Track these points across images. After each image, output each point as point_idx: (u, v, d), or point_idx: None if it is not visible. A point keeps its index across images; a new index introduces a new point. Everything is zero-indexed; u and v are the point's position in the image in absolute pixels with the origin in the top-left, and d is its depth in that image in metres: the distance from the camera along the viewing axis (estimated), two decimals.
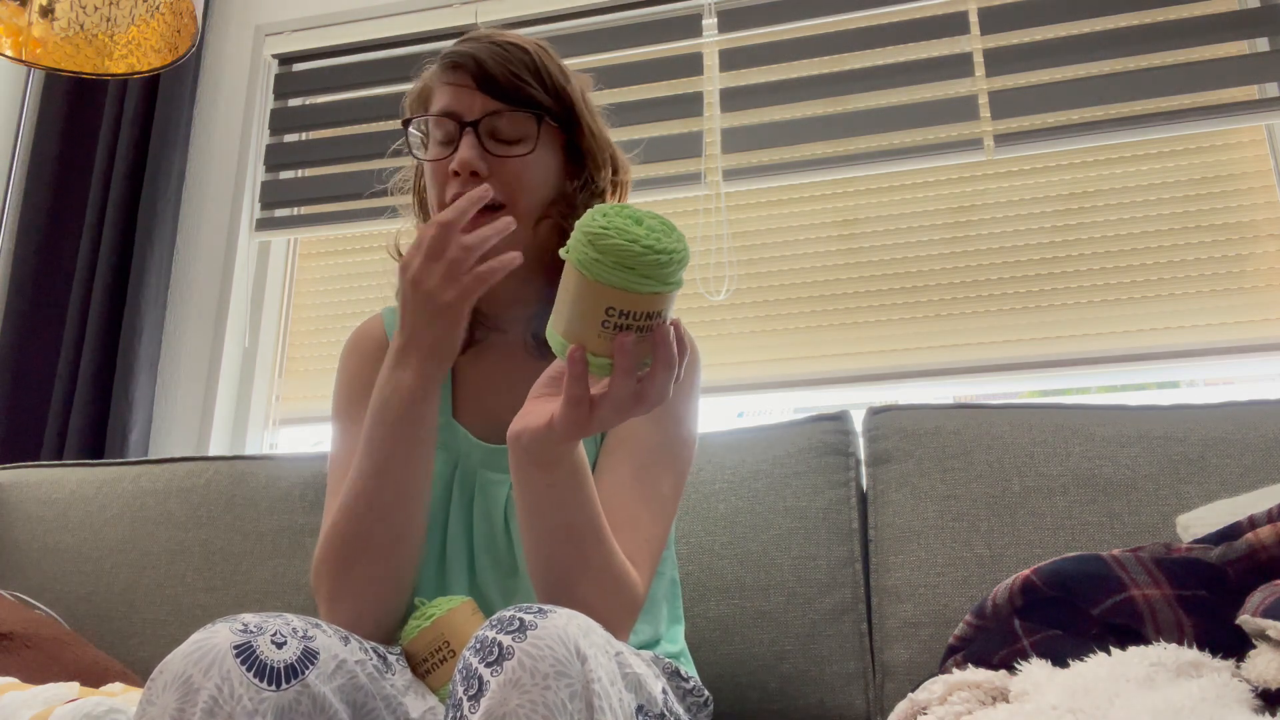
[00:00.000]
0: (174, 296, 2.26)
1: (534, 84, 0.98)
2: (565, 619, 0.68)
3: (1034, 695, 0.73)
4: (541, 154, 0.99)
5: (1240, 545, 0.87)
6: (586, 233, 0.68)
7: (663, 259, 0.67)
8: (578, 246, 0.69)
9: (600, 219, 0.69)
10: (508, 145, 0.98)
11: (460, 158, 0.95)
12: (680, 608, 1.11)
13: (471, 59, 0.97)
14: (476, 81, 0.97)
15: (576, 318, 0.69)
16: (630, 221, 0.69)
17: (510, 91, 0.97)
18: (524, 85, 0.97)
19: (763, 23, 2.05)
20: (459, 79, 0.98)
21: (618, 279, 0.67)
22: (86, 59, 1.45)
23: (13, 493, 1.78)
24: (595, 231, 0.67)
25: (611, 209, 0.70)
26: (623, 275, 0.67)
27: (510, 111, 0.97)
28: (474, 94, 0.97)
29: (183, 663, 0.67)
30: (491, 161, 0.96)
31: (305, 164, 2.30)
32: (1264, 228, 1.76)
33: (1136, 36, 1.84)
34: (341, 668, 0.73)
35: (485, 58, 0.97)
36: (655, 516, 0.95)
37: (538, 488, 0.81)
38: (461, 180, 0.96)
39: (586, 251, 0.68)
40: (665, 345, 0.70)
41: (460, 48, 0.99)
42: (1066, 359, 1.79)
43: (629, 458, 0.96)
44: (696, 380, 1.06)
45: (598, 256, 0.67)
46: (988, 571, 1.26)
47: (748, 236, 2.01)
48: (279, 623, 0.72)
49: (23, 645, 1.30)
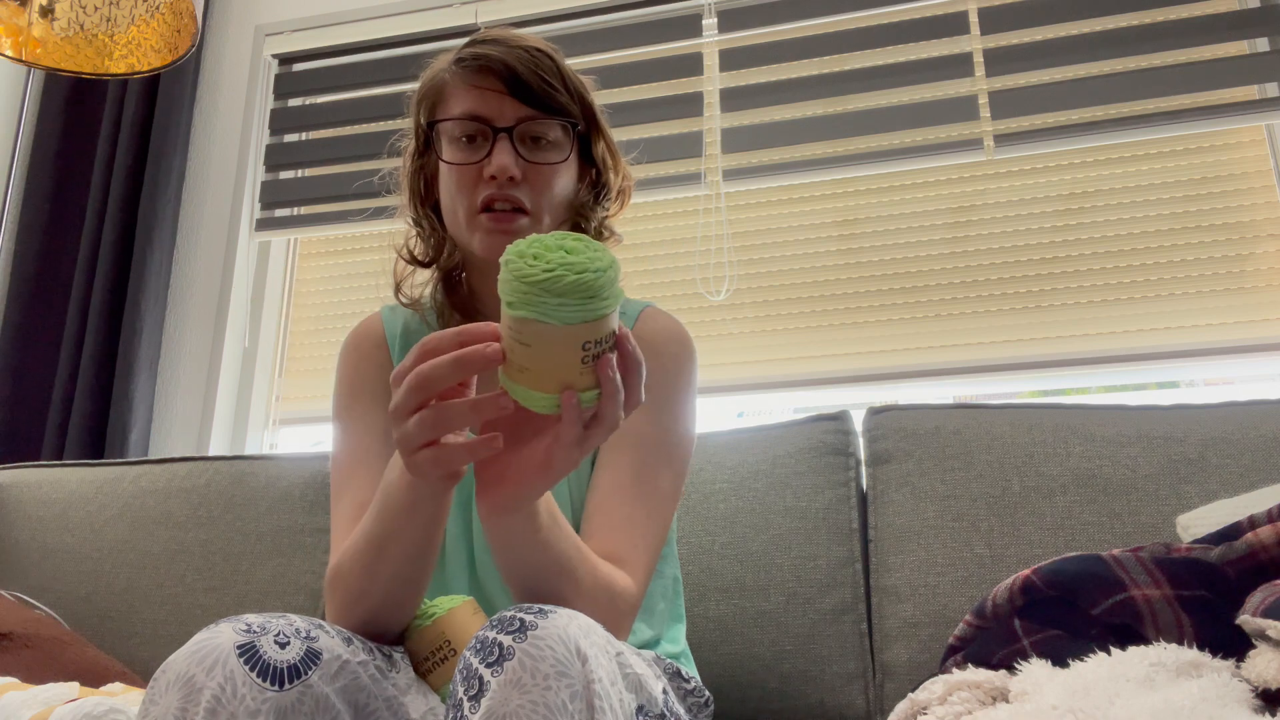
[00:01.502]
0: (174, 296, 2.26)
1: (562, 91, 0.99)
2: (566, 619, 0.67)
3: (1034, 695, 0.73)
4: (568, 161, 1.01)
5: (1240, 545, 0.87)
6: (535, 284, 0.63)
7: (611, 274, 0.65)
8: (535, 301, 0.63)
9: (537, 264, 0.64)
10: (540, 152, 0.98)
11: (498, 163, 0.95)
12: (681, 606, 1.11)
13: (501, 63, 0.96)
14: (508, 86, 0.96)
15: (558, 368, 0.65)
16: (561, 253, 0.65)
17: (543, 98, 0.97)
18: (555, 92, 0.98)
19: (763, 23, 2.05)
20: (487, 82, 0.97)
21: (588, 313, 0.64)
22: (86, 59, 1.46)
23: (13, 493, 1.78)
24: (543, 279, 0.63)
25: (529, 248, 0.65)
26: (590, 307, 0.64)
27: (543, 119, 0.98)
28: (504, 99, 0.97)
29: (186, 662, 0.67)
30: (524, 167, 0.97)
31: (305, 164, 2.30)
32: (1264, 228, 1.77)
33: (1136, 36, 1.84)
34: (344, 668, 0.73)
35: (515, 62, 0.96)
36: (654, 513, 0.95)
37: (524, 538, 0.77)
38: (498, 184, 0.96)
39: (546, 301, 0.63)
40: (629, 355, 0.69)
41: (484, 50, 0.98)
42: (1066, 359, 1.79)
43: (627, 456, 0.96)
44: (693, 377, 1.06)
45: (561, 301, 0.63)
46: (988, 571, 1.26)
47: (748, 236, 2.01)
48: (282, 623, 0.72)
49: (23, 645, 1.30)
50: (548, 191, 0.98)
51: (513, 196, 0.96)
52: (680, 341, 1.06)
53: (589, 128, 1.03)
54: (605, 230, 1.08)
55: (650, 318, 1.07)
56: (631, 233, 2.05)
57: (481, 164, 0.97)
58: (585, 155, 1.05)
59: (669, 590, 1.09)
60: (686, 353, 1.05)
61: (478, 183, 0.97)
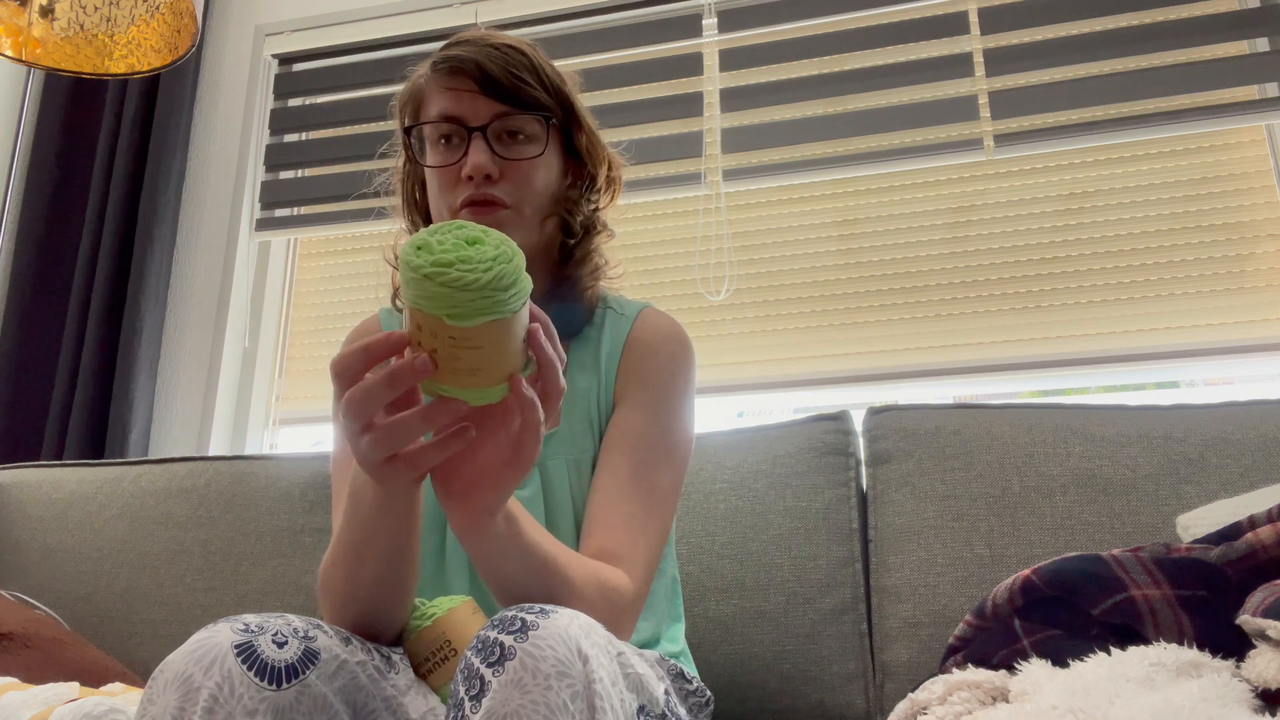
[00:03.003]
0: (174, 296, 2.26)
1: (535, 85, 0.98)
2: (567, 619, 0.67)
3: (1034, 695, 0.73)
4: (547, 155, 1.00)
5: (1240, 545, 0.87)
6: (484, 285, 0.62)
7: (507, 248, 0.65)
8: (485, 302, 0.62)
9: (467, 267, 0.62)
10: (516, 148, 0.98)
11: (473, 162, 0.95)
12: (680, 606, 1.11)
13: (473, 63, 0.97)
14: (480, 85, 0.97)
15: (508, 357, 0.65)
16: (465, 247, 0.64)
17: (515, 94, 0.97)
18: (527, 87, 0.98)
19: (763, 23, 2.05)
20: (460, 83, 0.98)
21: (524, 294, 0.64)
22: (86, 59, 1.46)
23: (13, 493, 1.78)
24: (488, 279, 0.62)
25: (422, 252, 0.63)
26: (522, 285, 0.64)
27: (517, 114, 0.98)
28: (477, 98, 0.97)
29: (184, 661, 0.67)
30: (501, 164, 0.97)
31: (305, 164, 2.30)
32: (1264, 228, 1.76)
33: (1136, 36, 1.84)
34: (342, 668, 0.73)
35: (485, 61, 0.96)
36: (653, 511, 0.95)
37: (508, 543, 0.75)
38: (475, 184, 0.96)
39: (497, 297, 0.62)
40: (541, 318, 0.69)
41: (456, 51, 0.98)
42: (1066, 359, 1.79)
43: (627, 455, 0.96)
44: (691, 376, 1.06)
45: (512, 293, 0.63)
46: (988, 571, 1.26)
47: (748, 236, 2.01)
48: (280, 623, 0.72)
49: (23, 645, 1.30)
50: (527, 186, 0.98)
51: (491, 195, 0.96)
52: (678, 341, 1.06)
53: (568, 120, 1.03)
54: (597, 224, 1.07)
55: (648, 318, 1.08)
56: (631, 233, 2.05)
57: (459, 164, 0.97)
58: (570, 150, 1.05)
59: (668, 590, 1.09)
60: (684, 352, 1.05)
61: (457, 183, 0.98)
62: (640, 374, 1.02)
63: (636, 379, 1.02)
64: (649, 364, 1.03)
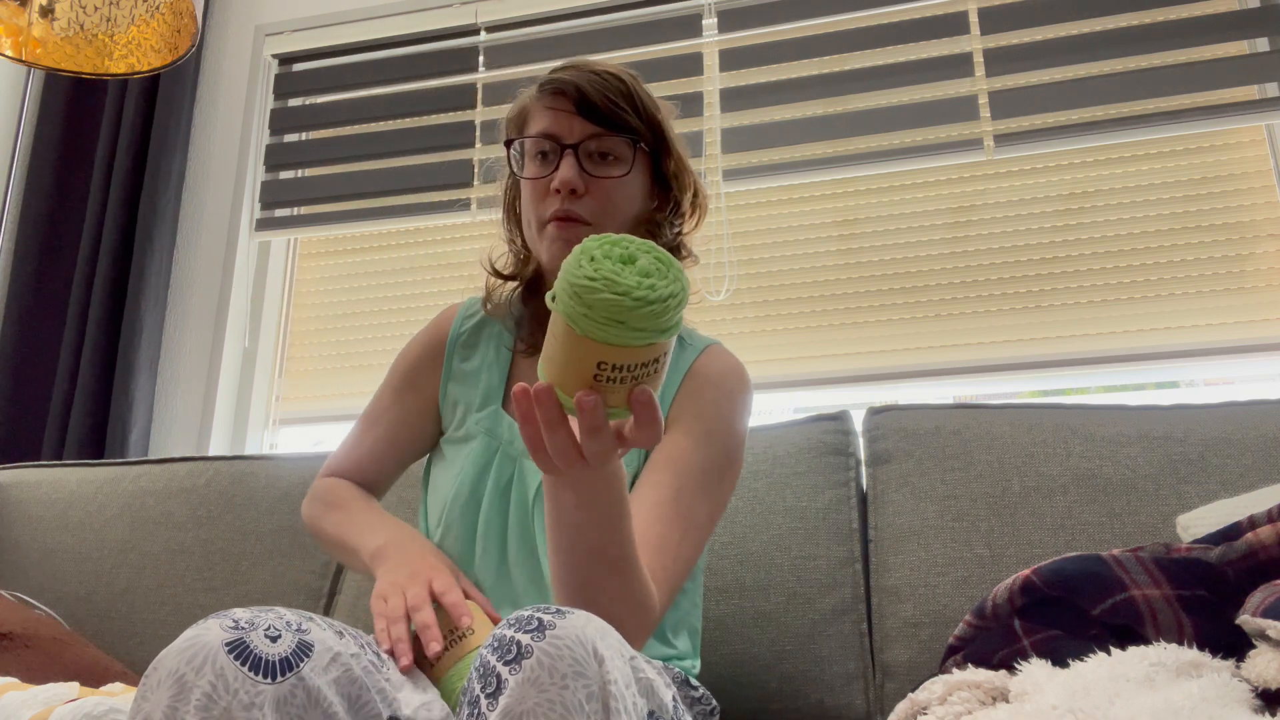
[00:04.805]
0: (174, 296, 2.26)
1: (629, 110, 1.04)
2: (583, 620, 0.68)
3: (1034, 695, 0.73)
4: (633, 176, 1.05)
5: (1240, 545, 0.87)
6: (572, 284, 0.59)
7: (656, 309, 0.59)
8: (564, 299, 0.60)
9: (587, 266, 0.60)
10: (604, 167, 1.03)
11: (561, 176, 1.01)
12: (699, 623, 1.12)
13: (573, 85, 1.03)
14: (577, 107, 1.03)
15: (571, 372, 0.62)
16: (619, 266, 0.60)
17: (608, 116, 1.03)
18: (620, 111, 1.03)
19: (763, 23, 2.05)
20: (559, 104, 1.04)
21: (609, 335, 0.59)
22: (86, 59, 1.46)
23: (13, 493, 1.78)
24: (582, 284, 0.59)
25: (598, 249, 0.62)
26: (611, 331, 0.59)
27: (608, 135, 1.03)
28: (573, 118, 1.03)
29: (175, 660, 0.68)
30: (588, 181, 1.02)
31: (305, 164, 2.30)
32: (1264, 228, 1.76)
33: (1136, 36, 1.84)
34: (336, 660, 0.74)
35: (584, 84, 1.03)
36: (686, 539, 0.96)
37: (565, 508, 0.79)
38: (561, 197, 1.01)
39: (573, 305, 0.59)
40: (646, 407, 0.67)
41: (560, 75, 1.05)
42: (1066, 359, 1.79)
43: (671, 479, 0.97)
44: (747, 414, 1.08)
45: (585, 311, 0.59)
46: (988, 571, 1.26)
47: (748, 236, 2.01)
48: (271, 617, 0.72)
49: (23, 645, 1.30)
50: (609, 204, 1.03)
51: (574, 212, 1.01)
52: (739, 378, 1.09)
53: (658, 146, 1.08)
54: (682, 249, 1.13)
55: (715, 353, 1.11)
56: None
57: (550, 178, 1.03)
58: (658, 175, 1.09)
59: (687, 614, 1.10)
60: (744, 389, 1.08)
61: (546, 195, 1.04)
62: (697, 403, 1.04)
63: (692, 408, 1.04)
64: (707, 394, 1.05)
